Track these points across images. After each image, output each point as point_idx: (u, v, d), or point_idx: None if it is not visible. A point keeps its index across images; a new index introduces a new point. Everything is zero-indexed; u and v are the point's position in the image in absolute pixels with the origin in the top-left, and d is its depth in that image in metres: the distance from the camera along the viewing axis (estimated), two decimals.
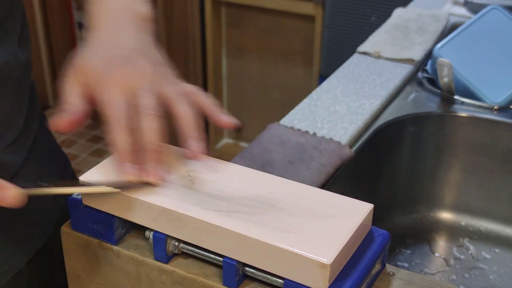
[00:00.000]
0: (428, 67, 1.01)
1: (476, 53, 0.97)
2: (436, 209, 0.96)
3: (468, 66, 0.95)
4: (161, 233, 0.50)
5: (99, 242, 0.53)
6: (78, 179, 0.53)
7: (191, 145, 0.52)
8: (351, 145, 0.82)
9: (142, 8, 0.61)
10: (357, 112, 0.87)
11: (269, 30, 2.19)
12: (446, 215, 0.95)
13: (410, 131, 0.92)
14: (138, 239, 0.53)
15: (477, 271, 0.86)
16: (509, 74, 0.94)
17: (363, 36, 1.13)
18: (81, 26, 2.58)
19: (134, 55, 0.56)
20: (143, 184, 0.51)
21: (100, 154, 2.51)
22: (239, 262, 0.47)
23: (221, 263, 0.48)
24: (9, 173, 0.65)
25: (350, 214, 0.49)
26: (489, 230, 0.93)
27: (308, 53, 2.13)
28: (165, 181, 0.52)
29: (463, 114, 0.91)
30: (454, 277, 0.85)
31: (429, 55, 1.04)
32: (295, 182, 0.53)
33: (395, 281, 0.50)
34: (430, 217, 0.95)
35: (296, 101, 0.91)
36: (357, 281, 0.46)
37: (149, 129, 0.51)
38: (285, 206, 0.50)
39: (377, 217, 0.52)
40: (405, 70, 1.00)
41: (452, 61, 0.90)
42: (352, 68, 1.01)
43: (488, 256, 0.89)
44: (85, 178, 0.52)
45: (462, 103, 0.93)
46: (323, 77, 1.83)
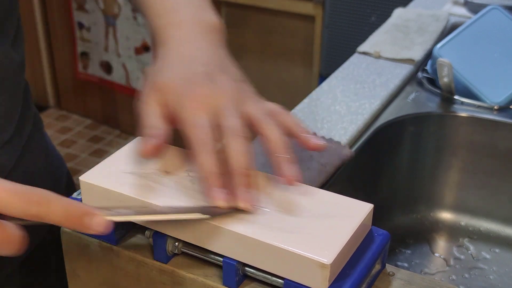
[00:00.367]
0: (428, 67, 1.01)
1: (476, 53, 0.97)
2: (436, 209, 0.96)
3: (468, 66, 0.95)
4: (161, 233, 0.50)
5: (99, 242, 0.53)
6: (79, 179, 0.53)
7: (286, 170, 0.49)
8: (351, 145, 0.82)
9: (211, 17, 0.58)
10: (357, 112, 0.87)
11: (269, 30, 2.19)
12: (446, 215, 0.95)
13: (410, 131, 0.92)
14: (138, 239, 0.53)
15: (477, 271, 0.86)
16: (509, 74, 0.94)
17: (363, 36, 1.13)
18: (81, 26, 2.58)
19: (214, 72, 0.53)
20: (232, 209, 0.48)
21: (100, 154, 2.51)
22: (239, 262, 0.47)
23: (221, 263, 0.48)
24: (1, 174, 0.64)
25: (350, 214, 0.49)
26: (489, 230, 0.93)
27: (308, 53, 2.13)
28: (256, 206, 0.49)
29: (463, 114, 0.91)
30: (454, 277, 0.85)
31: (429, 55, 1.04)
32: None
33: (395, 281, 0.50)
34: (430, 217, 0.95)
35: (296, 101, 0.91)
36: (357, 281, 0.46)
37: (238, 152, 0.48)
38: (285, 206, 0.50)
39: (377, 217, 0.52)
40: (405, 70, 1.00)
41: (452, 61, 0.90)
42: (352, 68, 1.01)
43: (488, 256, 0.89)
44: (85, 178, 0.52)
45: (462, 103, 0.93)
46: (323, 77, 1.83)
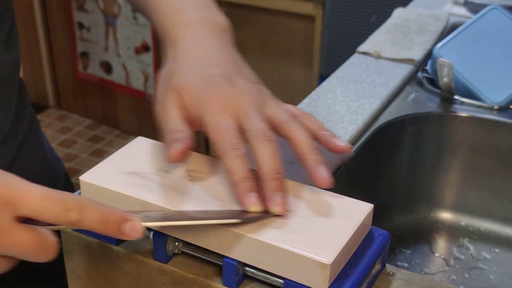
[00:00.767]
0: (428, 67, 1.01)
1: (476, 53, 0.97)
2: (436, 209, 0.96)
3: (468, 66, 0.95)
4: (161, 233, 0.50)
5: (99, 242, 0.53)
6: (79, 178, 0.53)
7: (319, 173, 0.49)
8: (351, 145, 0.82)
9: (220, 18, 0.58)
10: (357, 112, 0.87)
11: (269, 30, 2.19)
12: (446, 215, 0.95)
13: (410, 131, 0.92)
14: (138, 239, 0.53)
15: (477, 271, 0.86)
16: (509, 74, 0.94)
17: (363, 36, 1.13)
18: (81, 26, 2.58)
19: (232, 74, 0.52)
20: (267, 214, 0.48)
21: (100, 154, 2.51)
22: (239, 262, 0.47)
23: (221, 263, 0.48)
24: None
25: (350, 214, 0.49)
26: (489, 230, 0.93)
27: (308, 53, 2.13)
28: (290, 211, 0.48)
29: (463, 114, 0.91)
30: (454, 277, 0.85)
31: (429, 55, 1.04)
32: (295, 182, 0.53)
33: (395, 281, 0.50)
34: (430, 217, 0.95)
35: (296, 101, 0.91)
36: (357, 281, 0.46)
37: (268, 156, 0.48)
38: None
39: (377, 217, 0.52)
40: (405, 70, 1.00)
41: (452, 61, 0.90)
42: (352, 68, 1.01)
43: (488, 256, 0.89)
44: (85, 178, 0.52)
45: (462, 103, 0.93)
46: (323, 77, 1.83)
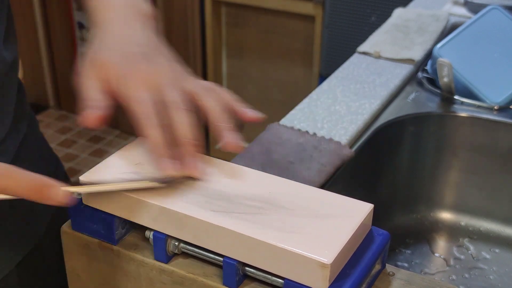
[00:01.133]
0: (428, 67, 1.01)
1: (476, 53, 0.97)
2: (436, 209, 0.96)
3: (468, 66, 0.95)
4: (161, 233, 0.50)
5: (99, 242, 0.53)
6: (79, 179, 0.53)
7: (228, 137, 0.52)
8: (351, 145, 0.82)
9: (145, 6, 0.62)
10: (357, 112, 0.87)
11: (269, 30, 2.19)
12: (446, 215, 0.95)
13: (410, 131, 0.92)
14: (138, 239, 0.53)
15: (477, 271, 0.86)
16: (509, 74, 0.94)
17: (363, 36, 1.13)
18: (81, 26, 2.58)
19: (151, 52, 0.56)
20: (184, 178, 0.51)
21: (100, 154, 2.51)
22: (239, 262, 0.47)
23: (221, 263, 0.48)
24: None
25: (350, 214, 0.49)
26: (489, 230, 0.93)
27: (308, 53, 2.13)
28: (206, 174, 0.51)
29: (463, 114, 0.91)
30: (454, 277, 0.85)
31: (429, 55, 1.04)
32: (295, 182, 0.53)
33: (395, 281, 0.50)
34: (430, 217, 0.95)
35: (296, 101, 0.91)
36: (357, 281, 0.46)
37: (182, 123, 0.51)
38: (285, 206, 0.50)
39: (377, 217, 0.52)
40: (405, 70, 1.00)
41: (452, 61, 0.90)
42: (352, 68, 1.01)
43: (488, 256, 0.89)
44: (85, 178, 0.52)
45: (462, 103, 0.93)
46: (323, 77, 1.83)
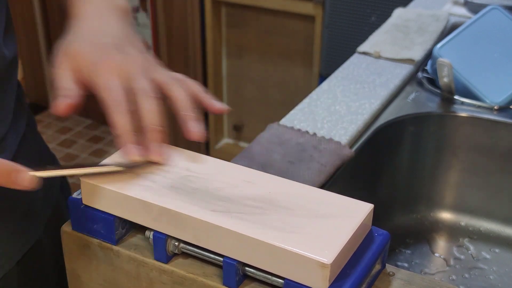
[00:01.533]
0: (428, 67, 1.01)
1: (476, 53, 0.97)
2: (436, 209, 0.96)
3: (468, 66, 0.95)
4: (161, 233, 0.50)
5: (99, 242, 0.53)
6: (80, 179, 0.53)
7: (191, 126, 0.54)
8: (351, 145, 0.82)
9: (120, 1, 0.64)
10: (357, 112, 0.87)
11: (269, 30, 2.19)
12: (446, 215, 0.95)
13: (410, 131, 0.92)
14: (138, 239, 0.53)
15: (477, 271, 0.86)
16: (509, 74, 0.94)
17: (363, 36, 1.13)
18: None
19: (123, 44, 0.58)
20: (148, 163, 0.53)
21: (100, 154, 2.51)
22: (239, 262, 0.47)
23: (221, 263, 0.48)
24: None
25: (350, 214, 0.49)
26: (489, 230, 0.93)
27: (308, 53, 2.13)
28: (169, 160, 0.54)
29: (463, 114, 0.91)
30: (454, 277, 0.85)
31: (429, 55, 1.04)
32: (295, 182, 0.53)
33: (395, 281, 0.50)
34: (430, 217, 0.95)
35: (296, 101, 0.91)
36: (357, 281, 0.46)
37: (149, 110, 0.53)
38: (285, 206, 0.50)
39: (377, 217, 0.52)
40: (405, 70, 1.00)
41: (452, 61, 0.90)
42: (352, 68, 1.01)
43: (488, 256, 0.89)
44: (86, 178, 0.52)
45: (462, 103, 0.93)
46: (323, 77, 1.83)
